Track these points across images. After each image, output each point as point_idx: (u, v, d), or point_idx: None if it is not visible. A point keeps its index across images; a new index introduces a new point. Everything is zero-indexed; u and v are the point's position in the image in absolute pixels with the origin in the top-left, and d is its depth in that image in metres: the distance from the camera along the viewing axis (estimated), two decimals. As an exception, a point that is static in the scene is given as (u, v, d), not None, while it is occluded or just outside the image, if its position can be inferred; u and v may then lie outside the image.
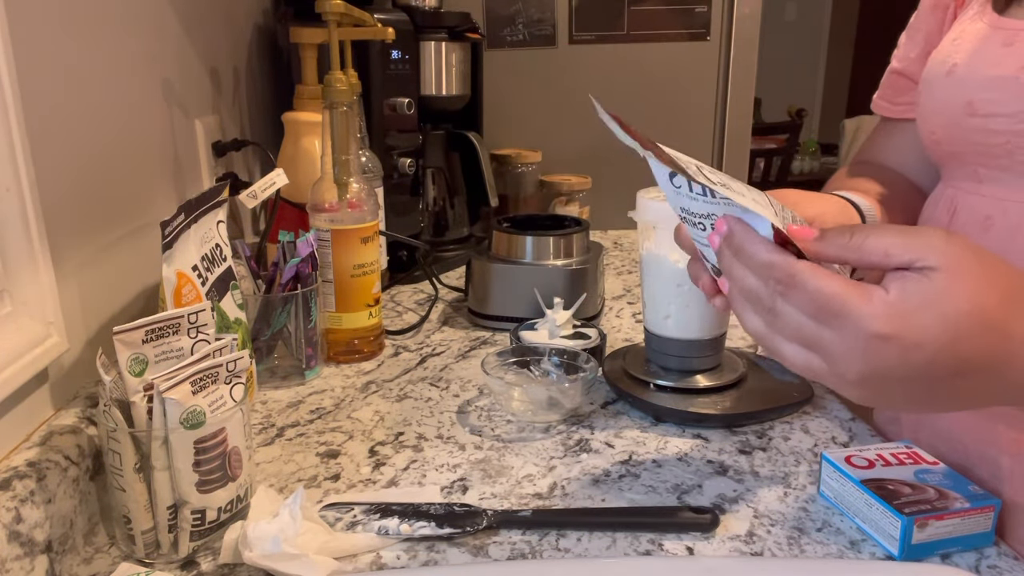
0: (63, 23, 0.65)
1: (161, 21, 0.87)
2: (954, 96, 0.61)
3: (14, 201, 0.56)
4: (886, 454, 0.60)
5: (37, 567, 0.49)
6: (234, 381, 0.56)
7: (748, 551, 0.55)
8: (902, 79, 0.77)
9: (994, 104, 0.58)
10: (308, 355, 0.83)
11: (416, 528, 0.56)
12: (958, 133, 0.62)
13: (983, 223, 0.61)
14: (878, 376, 0.41)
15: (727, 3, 1.48)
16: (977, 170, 0.62)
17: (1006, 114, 0.57)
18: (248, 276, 0.83)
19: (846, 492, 0.58)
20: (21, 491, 0.49)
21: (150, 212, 0.81)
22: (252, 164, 1.18)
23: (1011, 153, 0.58)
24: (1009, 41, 0.58)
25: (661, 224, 0.72)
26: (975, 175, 0.62)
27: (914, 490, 0.56)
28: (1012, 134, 0.57)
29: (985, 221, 0.61)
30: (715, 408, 0.72)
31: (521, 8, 1.47)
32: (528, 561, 0.54)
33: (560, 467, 0.67)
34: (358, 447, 0.70)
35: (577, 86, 1.52)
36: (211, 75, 1.02)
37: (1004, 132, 0.58)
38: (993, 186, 0.60)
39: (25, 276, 0.58)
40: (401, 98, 1.14)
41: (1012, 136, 0.57)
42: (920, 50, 0.74)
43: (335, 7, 0.85)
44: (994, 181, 0.60)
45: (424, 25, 1.19)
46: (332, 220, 0.85)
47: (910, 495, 0.55)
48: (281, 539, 0.51)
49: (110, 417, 0.51)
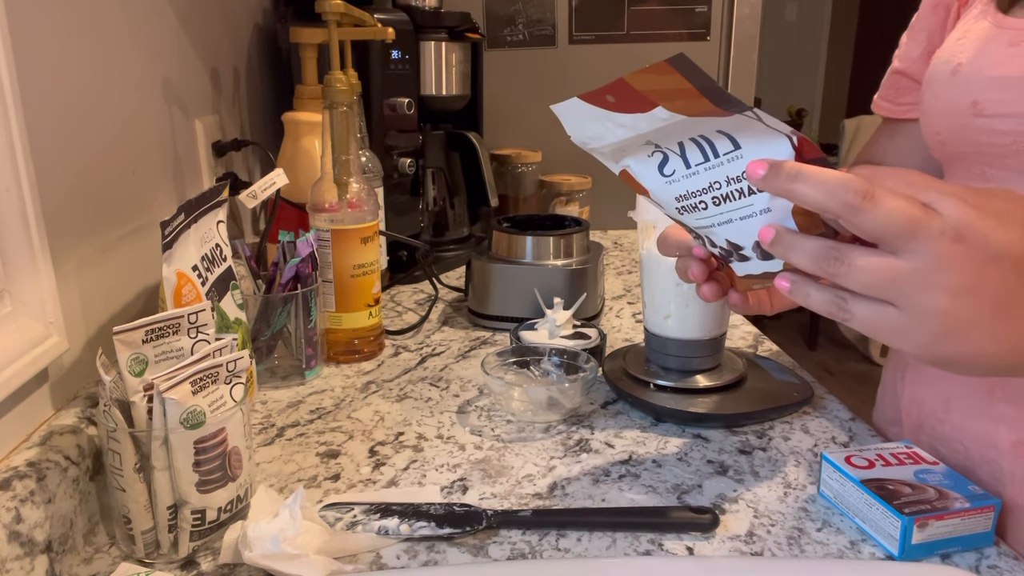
0: (63, 23, 0.65)
1: (161, 21, 0.87)
2: (959, 96, 0.61)
3: (14, 201, 0.56)
4: (886, 454, 0.60)
5: (37, 567, 0.49)
6: (234, 381, 0.56)
7: (748, 551, 0.55)
8: (904, 79, 0.76)
9: (1000, 104, 0.58)
10: (308, 355, 0.83)
11: (416, 528, 0.56)
12: (964, 134, 0.62)
13: None
14: (964, 288, 0.38)
15: (727, 3, 1.48)
16: (984, 170, 0.61)
17: (1012, 114, 0.57)
18: (248, 276, 0.83)
19: (846, 492, 0.58)
20: (21, 491, 0.49)
21: (150, 212, 0.81)
22: (252, 164, 1.18)
23: (1018, 153, 0.57)
24: (1015, 41, 0.58)
25: (661, 224, 0.72)
26: (982, 175, 0.62)
27: (914, 490, 0.56)
28: (1018, 134, 0.57)
29: None
30: (715, 408, 0.72)
31: (521, 8, 1.47)
32: (528, 561, 0.54)
33: (560, 467, 0.67)
34: (358, 447, 0.70)
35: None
36: (211, 75, 1.02)
37: (1010, 132, 0.57)
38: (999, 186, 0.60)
39: (25, 276, 0.58)
40: (401, 98, 1.14)
41: (1018, 136, 0.57)
42: (922, 50, 0.73)
43: (335, 7, 0.85)
44: (1000, 181, 0.60)
45: (424, 25, 1.19)
46: (332, 220, 0.85)
47: (910, 495, 0.55)
48: (281, 539, 0.51)
49: (110, 417, 0.51)
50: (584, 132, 0.51)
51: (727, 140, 0.46)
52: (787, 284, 0.44)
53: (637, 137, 0.49)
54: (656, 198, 0.51)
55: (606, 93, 0.46)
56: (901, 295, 0.39)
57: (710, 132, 0.46)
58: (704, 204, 0.49)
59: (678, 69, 0.43)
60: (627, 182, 0.52)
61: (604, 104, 0.47)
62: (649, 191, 0.51)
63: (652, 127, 0.47)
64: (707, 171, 0.47)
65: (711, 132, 0.46)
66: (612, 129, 0.49)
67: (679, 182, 0.49)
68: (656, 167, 0.50)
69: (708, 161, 0.47)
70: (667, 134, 0.48)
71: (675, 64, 0.43)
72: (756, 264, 0.49)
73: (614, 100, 0.47)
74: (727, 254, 0.51)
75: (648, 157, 0.50)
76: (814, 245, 0.41)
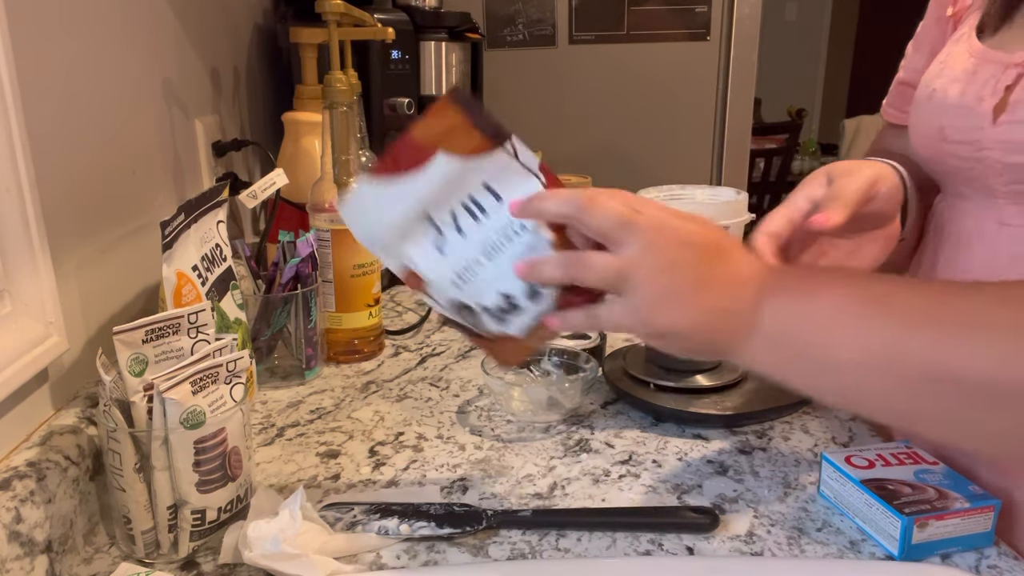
0: (63, 23, 0.65)
1: (161, 21, 0.87)
2: (931, 120, 0.63)
3: (14, 201, 0.56)
4: (886, 454, 0.60)
5: (37, 567, 0.49)
6: (234, 381, 0.56)
7: (748, 551, 0.55)
8: (909, 89, 0.77)
9: (959, 131, 0.59)
10: (308, 355, 0.83)
11: (416, 528, 0.56)
12: (938, 156, 0.63)
13: (965, 240, 0.62)
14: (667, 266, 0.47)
15: (727, 3, 1.48)
16: (960, 189, 0.63)
17: (968, 141, 0.58)
18: (248, 276, 0.83)
19: (846, 492, 0.58)
20: (21, 491, 0.49)
21: (150, 212, 0.81)
22: (252, 164, 1.18)
23: (982, 176, 0.58)
24: (975, 71, 0.59)
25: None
26: (959, 193, 0.63)
27: (914, 490, 0.56)
28: (976, 160, 0.58)
29: (967, 238, 0.61)
30: (715, 408, 0.72)
31: (521, 8, 1.47)
32: (528, 561, 0.54)
33: (560, 467, 0.67)
34: (358, 447, 0.70)
35: (577, 86, 1.52)
36: (211, 75, 1.02)
37: (969, 158, 0.59)
38: (972, 205, 0.62)
39: (25, 276, 0.58)
40: (401, 98, 1.14)
41: (975, 163, 0.58)
42: (926, 62, 0.74)
43: (335, 7, 0.85)
44: (972, 201, 0.61)
45: (424, 25, 1.19)
46: (332, 220, 0.85)
47: (910, 495, 0.55)
48: (281, 539, 0.51)
49: (110, 417, 0.51)
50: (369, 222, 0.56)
51: (490, 195, 0.54)
52: (557, 321, 0.52)
53: (415, 208, 0.54)
54: (435, 283, 0.56)
55: (390, 155, 0.53)
56: (624, 281, 0.47)
57: (477, 189, 0.54)
58: (480, 262, 0.55)
59: (456, 101, 0.53)
60: (409, 285, 0.57)
61: (389, 170, 0.53)
62: (429, 281, 0.56)
63: (429, 188, 0.54)
64: (478, 229, 0.55)
65: (478, 188, 0.54)
66: (393, 205, 0.55)
67: (455, 251, 0.55)
68: (433, 246, 0.56)
69: (478, 220, 0.55)
70: (441, 197, 0.54)
71: (453, 97, 0.52)
72: (529, 311, 0.56)
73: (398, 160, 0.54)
74: (503, 312, 0.57)
75: (424, 238, 0.56)
76: (560, 256, 0.51)
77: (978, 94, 0.57)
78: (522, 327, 0.56)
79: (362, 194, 0.55)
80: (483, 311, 0.56)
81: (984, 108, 0.57)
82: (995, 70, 0.57)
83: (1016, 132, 0.54)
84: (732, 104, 1.54)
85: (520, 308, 0.56)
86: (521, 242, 0.55)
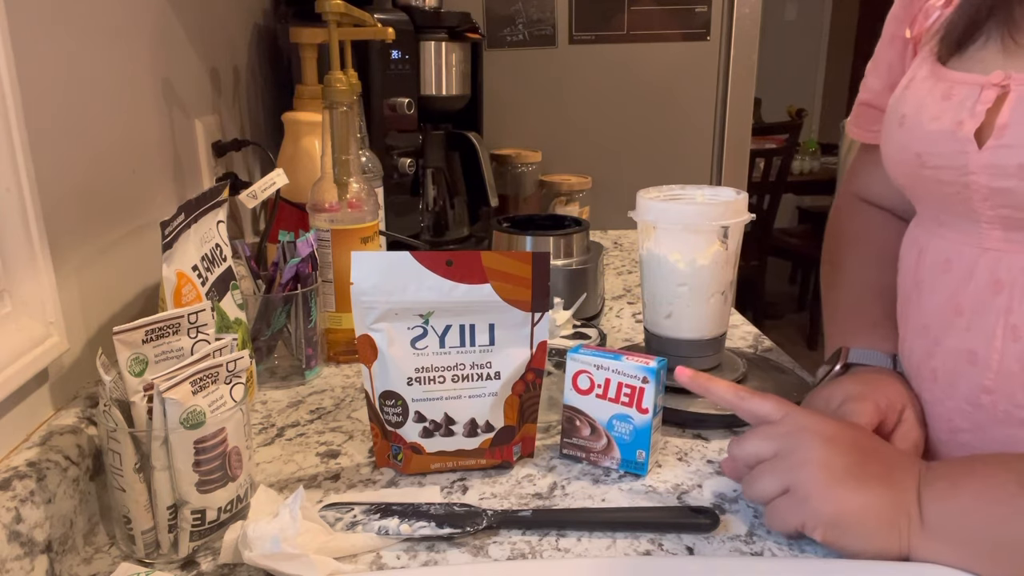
0: (63, 23, 0.65)
1: (161, 21, 0.87)
2: (906, 147, 0.61)
3: (14, 201, 0.56)
4: (886, 454, 0.60)
5: (37, 567, 0.49)
6: (234, 381, 0.56)
7: (748, 551, 0.55)
8: (871, 109, 0.77)
9: (939, 157, 0.58)
10: (308, 355, 0.83)
11: (416, 528, 0.56)
12: (915, 182, 0.62)
13: (943, 265, 0.60)
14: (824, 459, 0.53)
15: (727, 3, 1.48)
16: (938, 215, 0.62)
17: (951, 167, 0.57)
18: (248, 276, 0.83)
19: (846, 492, 0.58)
20: (21, 491, 0.49)
21: (150, 212, 0.81)
22: (252, 164, 1.18)
23: (966, 200, 0.57)
24: (947, 94, 0.58)
25: (661, 224, 0.72)
26: (936, 219, 0.62)
27: (914, 490, 0.56)
28: (960, 185, 0.57)
29: (945, 263, 0.60)
30: (715, 408, 0.72)
31: (521, 8, 1.47)
32: (528, 561, 0.54)
33: (560, 467, 0.67)
34: (358, 447, 0.70)
35: (577, 86, 1.52)
36: (211, 75, 1.02)
37: (953, 183, 0.57)
38: (951, 230, 0.60)
39: (25, 276, 0.58)
40: (401, 98, 1.14)
41: (960, 188, 0.57)
42: (884, 82, 0.74)
43: (335, 7, 0.85)
44: (951, 226, 0.60)
45: (424, 25, 1.19)
46: (332, 220, 0.85)
47: (910, 495, 0.55)
48: (281, 539, 0.51)
49: (110, 417, 0.51)
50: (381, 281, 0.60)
51: (487, 335, 0.62)
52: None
53: (422, 305, 0.60)
54: (389, 363, 0.61)
55: (449, 258, 0.59)
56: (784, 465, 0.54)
57: (481, 323, 0.61)
58: (443, 378, 0.62)
59: (534, 264, 0.60)
60: (360, 346, 0.62)
61: (437, 267, 0.59)
62: (382, 356, 0.61)
63: (453, 299, 0.60)
64: (459, 353, 0.61)
65: (482, 323, 0.61)
66: (411, 289, 0.60)
67: (427, 356, 0.61)
68: (410, 339, 0.61)
69: (464, 346, 0.61)
70: (453, 311, 0.61)
71: (535, 260, 0.60)
72: (458, 440, 0.63)
73: (453, 266, 0.59)
74: (434, 428, 0.63)
75: (408, 329, 0.61)
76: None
77: (955, 118, 0.56)
78: (437, 447, 0.63)
79: (402, 260, 0.59)
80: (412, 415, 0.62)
81: (965, 132, 0.55)
82: (970, 91, 0.56)
83: (1004, 156, 0.53)
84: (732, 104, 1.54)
85: (453, 434, 0.63)
86: (490, 387, 0.62)
